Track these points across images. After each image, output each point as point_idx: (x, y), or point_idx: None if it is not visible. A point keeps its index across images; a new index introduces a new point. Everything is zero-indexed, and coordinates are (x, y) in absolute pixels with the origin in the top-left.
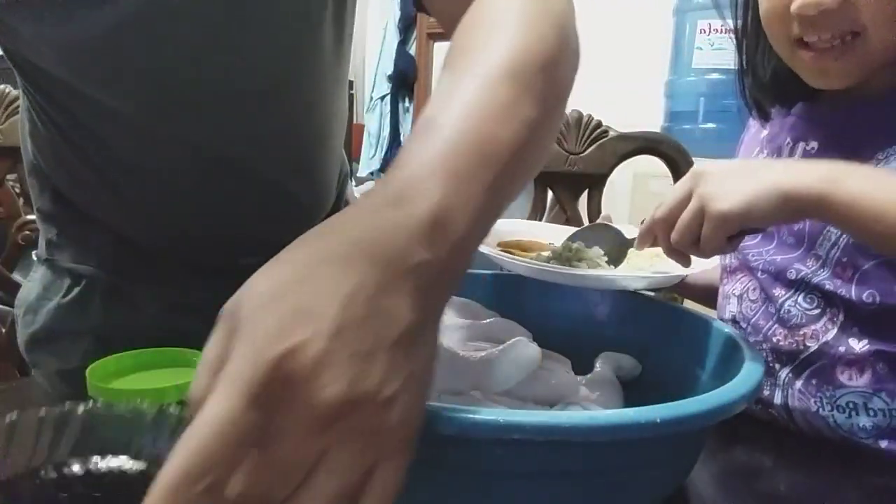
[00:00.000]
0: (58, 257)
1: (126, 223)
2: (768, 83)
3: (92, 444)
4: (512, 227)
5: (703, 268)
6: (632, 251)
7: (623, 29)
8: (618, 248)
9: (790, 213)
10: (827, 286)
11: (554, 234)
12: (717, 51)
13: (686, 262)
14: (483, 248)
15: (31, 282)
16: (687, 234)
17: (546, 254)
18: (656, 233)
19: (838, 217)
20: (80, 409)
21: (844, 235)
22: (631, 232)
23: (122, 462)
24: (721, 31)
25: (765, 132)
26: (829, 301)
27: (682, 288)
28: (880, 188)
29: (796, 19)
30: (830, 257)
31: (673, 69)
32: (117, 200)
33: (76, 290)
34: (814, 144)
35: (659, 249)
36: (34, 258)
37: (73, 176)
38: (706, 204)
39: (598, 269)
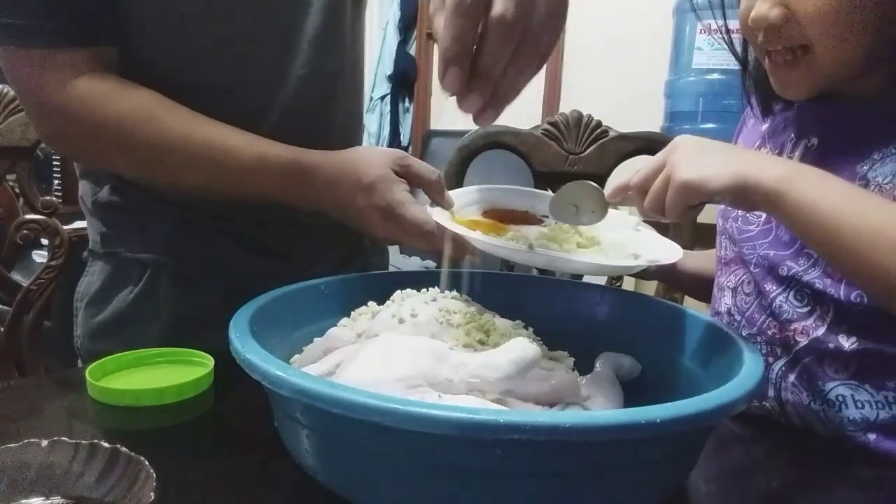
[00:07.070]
0: (118, 249)
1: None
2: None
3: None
4: (508, 196)
5: (678, 257)
6: (616, 241)
7: (623, 29)
8: (601, 204)
9: (744, 201)
10: (817, 285)
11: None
12: (717, 51)
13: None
14: (440, 219)
15: (90, 276)
16: (657, 201)
17: (511, 235)
18: (632, 197)
19: (786, 219)
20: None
21: None
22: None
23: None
24: (721, 32)
25: (765, 125)
26: (818, 299)
27: (671, 275)
28: (828, 198)
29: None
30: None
31: (673, 69)
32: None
33: (144, 278)
34: (814, 141)
35: (638, 239)
36: (85, 254)
37: None
38: (673, 172)
39: (570, 253)
